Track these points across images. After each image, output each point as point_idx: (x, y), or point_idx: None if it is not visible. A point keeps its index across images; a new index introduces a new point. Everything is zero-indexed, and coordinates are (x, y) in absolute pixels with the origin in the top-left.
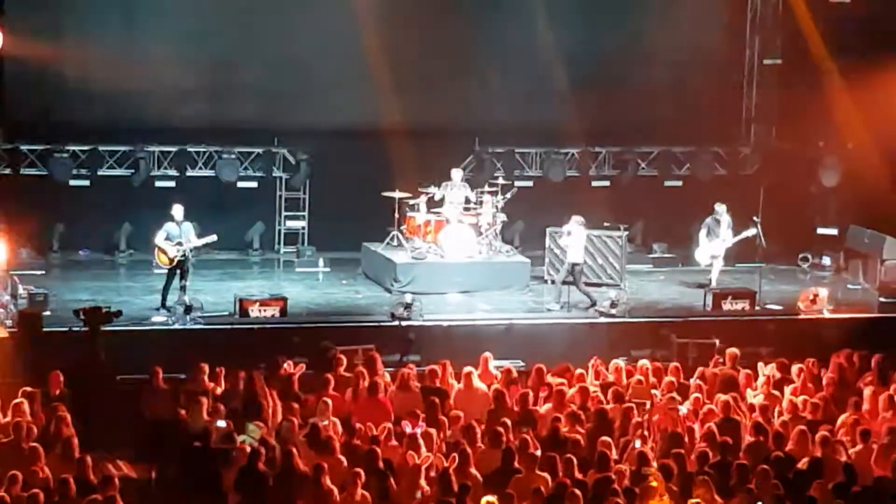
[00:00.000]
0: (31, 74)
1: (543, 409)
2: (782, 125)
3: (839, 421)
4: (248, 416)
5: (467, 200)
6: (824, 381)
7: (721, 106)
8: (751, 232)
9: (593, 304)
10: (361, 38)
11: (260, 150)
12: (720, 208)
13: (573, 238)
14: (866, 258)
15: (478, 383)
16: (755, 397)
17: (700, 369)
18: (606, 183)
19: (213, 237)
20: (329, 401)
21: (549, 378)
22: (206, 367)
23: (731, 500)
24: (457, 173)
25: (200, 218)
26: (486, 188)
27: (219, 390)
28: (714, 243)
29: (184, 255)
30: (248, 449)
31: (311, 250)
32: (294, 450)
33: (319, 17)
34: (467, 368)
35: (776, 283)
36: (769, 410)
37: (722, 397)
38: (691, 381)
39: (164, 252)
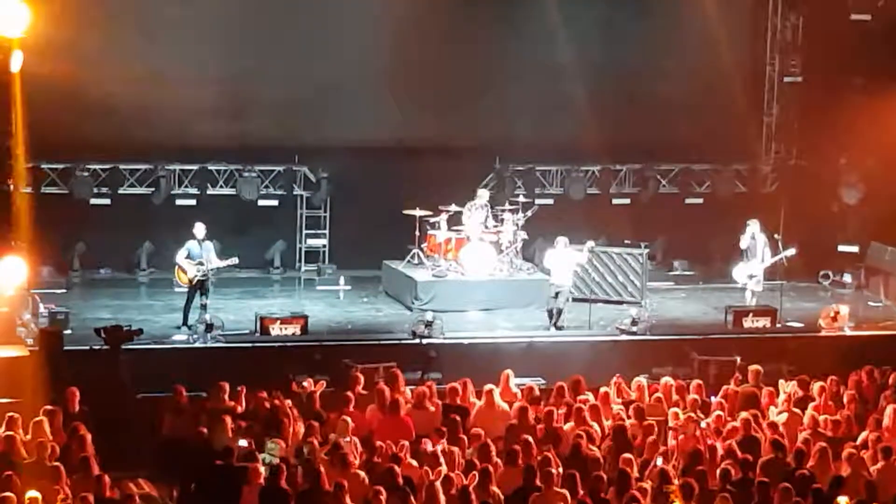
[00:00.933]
0: (51, 93)
1: (566, 426)
2: (803, 143)
3: (860, 438)
4: (269, 434)
5: (494, 217)
6: (845, 399)
7: (741, 124)
8: (789, 252)
9: (551, 323)
10: (381, 55)
11: (281, 169)
12: (754, 226)
13: (555, 259)
14: (887, 275)
15: (499, 401)
16: (777, 415)
17: (723, 387)
18: (627, 200)
19: (235, 259)
20: (349, 419)
21: (567, 398)
22: (227, 386)
23: None
24: (483, 192)
25: (221, 236)
26: (507, 206)
27: (240, 409)
28: (751, 263)
29: (204, 275)
30: (268, 467)
31: (332, 268)
32: (322, 469)
33: (339, 35)
34: (488, 386)
35: (797, 300)
36: (790, 428)
37: (743, 415)
38: (713, 398)
39: (184, 271)
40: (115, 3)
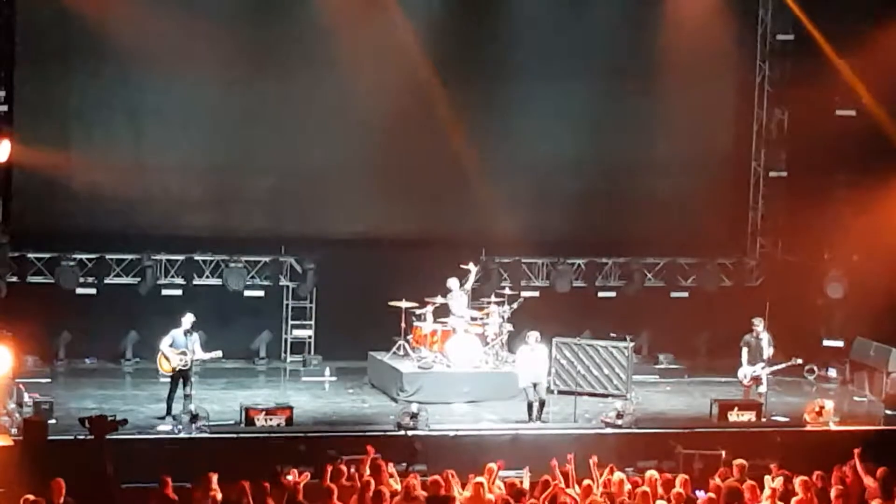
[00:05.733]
0: (38, 183)
1: None
2: (788, 237)
3: None
4: None
5: (477, 310)
6: (833, 494)
7: (727, 218)
8: (797, 361)
9: (533, 417)
10: (368, 147)
11: (267, 259)
12: (758, 325)
13: (526, 357)
14: (872, 370)
15: (487, 494)
16: None
17: (711, 482)
18: (612, 294)
19: (219, 353)
20: None
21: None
22: (214, 477)
23: None
24: (453, 282)
25: (207, 326)
26: (493, 298)
27: (223, 499)
28: (756, 366)
29: (186, 365)
30: None
31: (318, 359)
32: None
33: (325, 128)
34: (478, 479)
35: (782, 394)
36: None
37: None
38: (698, 493)
39: (167, 359)
40: (101, 93)
